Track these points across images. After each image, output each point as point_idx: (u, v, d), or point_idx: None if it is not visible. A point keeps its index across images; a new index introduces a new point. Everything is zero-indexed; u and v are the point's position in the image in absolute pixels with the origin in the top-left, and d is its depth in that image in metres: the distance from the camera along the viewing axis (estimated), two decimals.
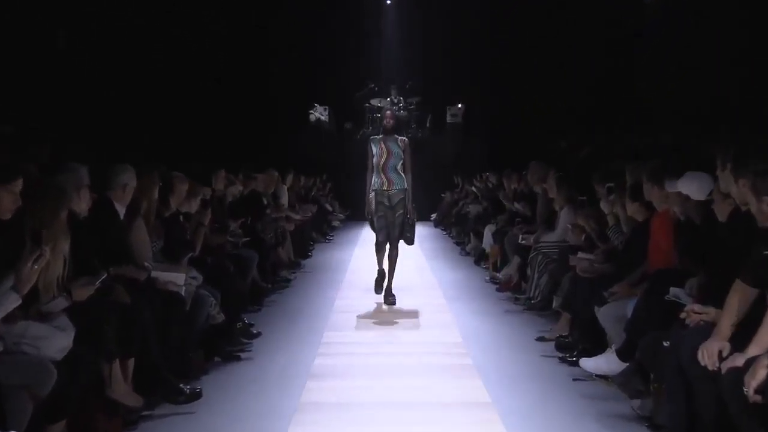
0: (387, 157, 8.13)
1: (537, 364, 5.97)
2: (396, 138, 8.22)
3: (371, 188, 8.18)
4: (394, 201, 8.13)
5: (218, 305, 5.94)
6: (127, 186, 5.38)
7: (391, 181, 8.14)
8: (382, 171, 8.13)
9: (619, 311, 5.24)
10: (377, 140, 8.24)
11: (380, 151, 8.14)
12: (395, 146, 8.15)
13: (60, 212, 4.08)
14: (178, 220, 6.47)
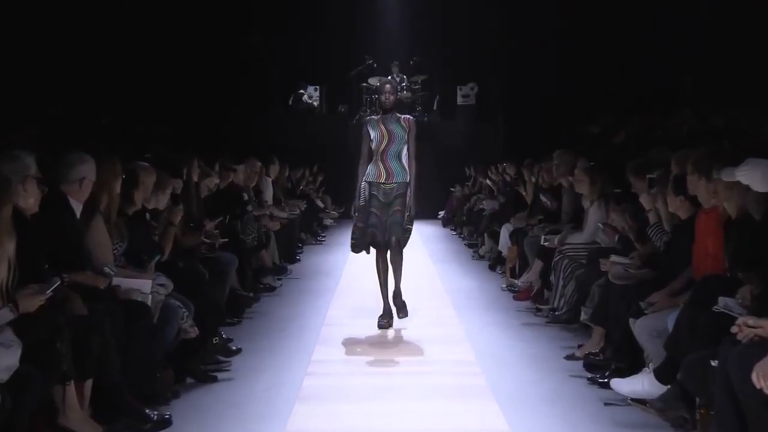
0: (388, 142, 7.67)
1: (562, 386, 5.95)
2: (398, 117, 7.77)
3: (364, 179, 7.73)
4: (391, 197, 7.67)
5: (191, 317, 5.92)
6: (85, 179, 5.34)
7: (392, 172, 7.67)
8: (381, 159, 7.67)
9: (658, 324, 5.24)
10: (375, 122, 7.77)
11: (379, 134, 7.67)
12: (398, 128, 7.71)
13: (2, 208, 4.05)
14: (144, 218, 6.46)
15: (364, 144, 7.76)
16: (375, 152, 7.72)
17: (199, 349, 6.15)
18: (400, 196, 7.66)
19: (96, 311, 4.78)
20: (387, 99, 7.74)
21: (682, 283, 5.46)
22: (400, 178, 7.69)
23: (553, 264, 8.02)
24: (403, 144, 7.70)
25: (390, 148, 7.69)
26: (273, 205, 11.92)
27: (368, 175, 7.70)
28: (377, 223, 7.60)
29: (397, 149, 7.69)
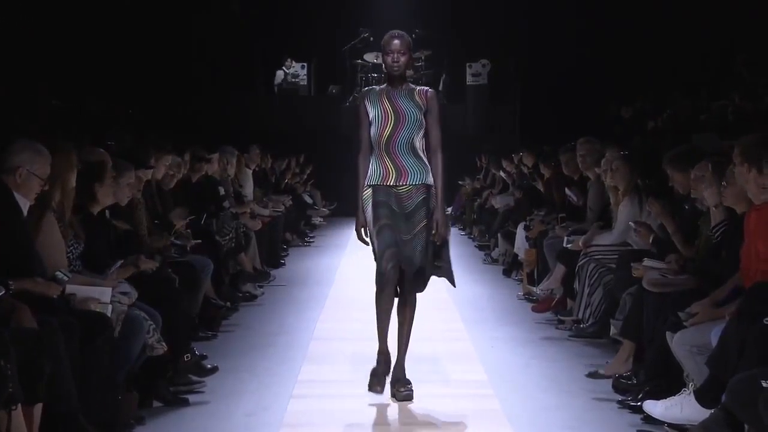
0: (395, 126, 6.23)
1: (587, 412, 5.97)
2: (412, 90, 6.37)
3: (366, 182, 6.32)
4: (410, 205, 6.24)
5: (158, 331, 5.90)
6: (20, 168, 5.30)
7: (404, 170, 6.24)
8: (386, 151, 6.23)
9: (700, 339, 5.26)
10: (375, 95, 6.34)
11: (382, 113, 6.23)
12: (410, 105, 6.27)
13: None
14: (104, 216, 6.47)
15: (362, 128, 6.36)
16: (376, 140, 6.28)
17: (168, 368, 6.15)
18: (421, 204, 6.27)
19: (47, 325, 4.75)
20: (395, 61, 6.25)
21: (728, 292, 5.48)
22: (418, 177, 6.28)
23: (578, 269, 8.04)
24: (419, 128, 6.27)
25: (399, 135, 6.24)
26: (253, 201, 11.94)
27: (370, 176, 6.29)
28: (393, 240, 6.14)
29: (409, 136, 6.25)
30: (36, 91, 10.74)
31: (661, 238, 6.89)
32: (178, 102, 16.07)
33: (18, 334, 4.50)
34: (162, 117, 13.58)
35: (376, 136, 6.28)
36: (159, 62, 15.86)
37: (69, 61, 12.27)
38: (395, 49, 6.24)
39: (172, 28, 16.18)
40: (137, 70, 14.78)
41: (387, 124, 6.23)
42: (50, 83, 11.40)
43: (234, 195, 11.04)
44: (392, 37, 6.33)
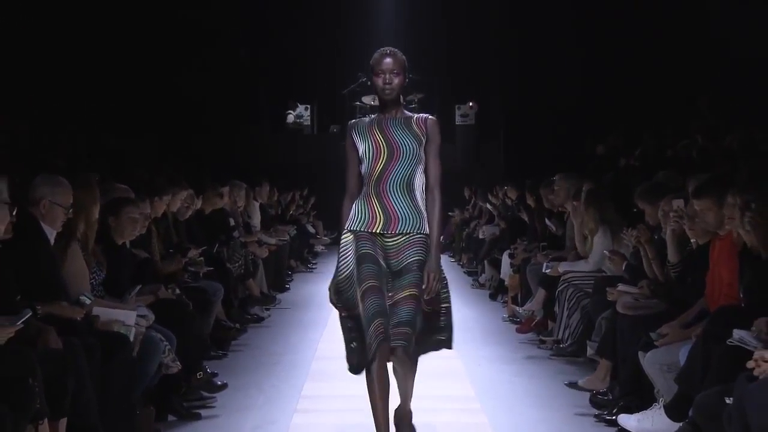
0: (388, 161, 4.89)
1: (567, 425, 5.96)
2: (409, 118, 5.01)
3: (346, 226, 4.99)
4: (399, 262, 4.87)
5: (173, 351, 5.90)
6: (44, 200, 5.33)
7: (394, 215, 4.88)
8: (376, 191, 4.90)
9: (669, 358, 5.25)
10: (364, 127, 4.99)
11: (373, 146, 4.91)
12: (406, 135, 4.93)
13: None
14: (124, 245, 6.48)
15: (349, 168, 5.05)
16: (366, 178, 4.97)
17: (182, 385, 6.14)
18: (414, 256, 4.86)
19: (72, 345, 4.74)
20: (387, 83, 4.91)
21: (694, 314, 5.48)
22: (412, 226, 4.89)
23: (557, 293, 8.02)
24: (418, 164, 4.94)
25: (392, 171, 4.89)
26: (261, 231, 11.94)
27: (353, 219, 4.94)
28: (378, 303, 4.74)
29: (405, 173, 4.90)
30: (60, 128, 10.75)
31: (633, 266, 6.89)
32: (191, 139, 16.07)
33: (44, 354, 4.50)
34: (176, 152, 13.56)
35: (365, 174, 4.92)
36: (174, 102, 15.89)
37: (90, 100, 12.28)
38: (387, 69, 4.89)
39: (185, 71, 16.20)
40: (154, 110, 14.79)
41: (378, 159, 4.85)
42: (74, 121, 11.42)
43: (243, 225, 11.05)
44: (383, 55, 4.96)
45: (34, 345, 4.50)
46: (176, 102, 15.71)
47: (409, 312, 4.73)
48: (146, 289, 6.33)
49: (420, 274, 4.79)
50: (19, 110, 10.29)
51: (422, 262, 4.81)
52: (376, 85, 4.93)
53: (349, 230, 4.93)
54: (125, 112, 13.42)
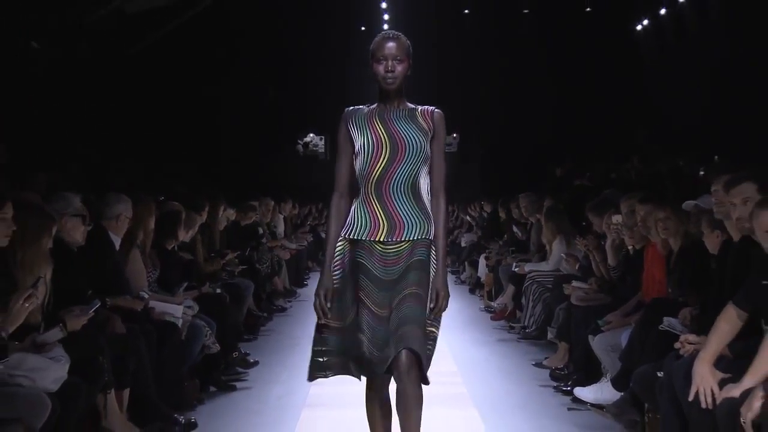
0: (392, 158, 3.55)
1: (532, 394, 5.96)
2: (413, 110, 3.66)
3: (342, 233, 3.63)
4: (397, 270, 3.54)
5: (213, 335, 5.92)
6: (121, 215, 5.37)
7: (399, 221, 3.54)
8: (377, 193, 3.56)
9: (613, 341, 5.24)
10: (363, 117, 3.64)
11: (374, 142, 3.57)
12: (411, 129, 3.59)
13: (41, 239, 4.09)
14: (174, 249, 6.48)
15: (341, 160, 3.68)
16: (364, 178, 3.59)
17: (221, 362, 6.14)
18: (417, 268, 3.53)
19: (133, 331, 4.79)
20: (389, 70, 3.56)
21: (633, 306, 5.47)
22: (417, 232, 3.55)
23: (524, 288, 8.01)
24: (424, 162, 3.59)
25: (396, 171, 3.54)
26: (284, 238, 11.97)
27: (350, 225, 3.59)
28: (370, 324, 3.50)
29: (410, 173, 3.55)
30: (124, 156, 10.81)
31: (584, 266, 6.90)
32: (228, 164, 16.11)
33: (111, 337, 4.54)
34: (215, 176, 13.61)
35: (363, 172, 3.55)
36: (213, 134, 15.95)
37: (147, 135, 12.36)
38: (389, 54, 3.54)
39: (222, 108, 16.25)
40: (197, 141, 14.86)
41: (380, 157, 3.51)
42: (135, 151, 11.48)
43: (270, 233, 11.07)
44: (385, 39, 3.59)
45: (103, 330, 4.52)
46: (215, 134, 15.76)
47: (413, 308, 3.42)
48: (192, 285, 6.34)
49: (422, 273, 3.49)
50: (91, 142, 10.37)
51: (424, 262, 3.50)
52: (377, 73, 3.57)
53: (345, 238, 3.57)
54: (175, 144, 13.49)
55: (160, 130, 12.88)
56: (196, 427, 4.85)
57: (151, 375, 4.86)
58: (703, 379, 3.56)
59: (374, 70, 3.61)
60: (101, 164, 9.51)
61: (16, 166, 6.39)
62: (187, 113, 14.02)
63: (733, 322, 3.73)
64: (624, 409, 4.93)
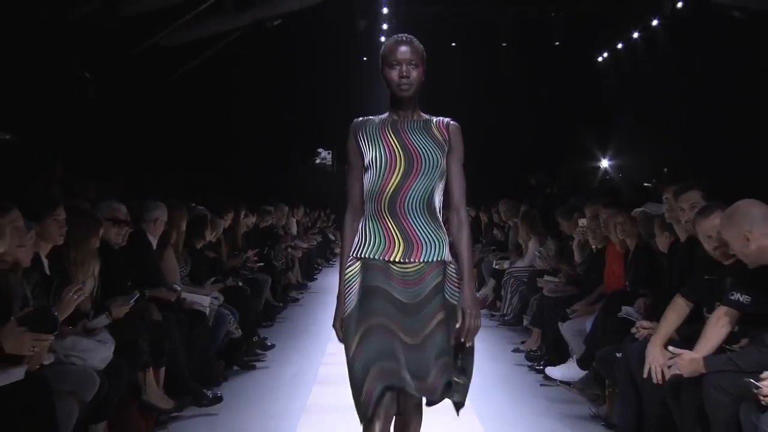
0: (407, 173, 2.83)
1: (510, 373, 5.99)
2: (428, 121, 2.94)
3: (354, 253, 2.86)
4: (418, 291, 2.79)
5: (236, 322, 5.94)
6: (158, 219, 5.41)
7: (416, 240, 2.81)
8: (391, 210, 2.82)
9: (579, 326, 5.28)
10: (375, 128, 2.91)
11: (387, 155, 2.84)
12: (427, 142, 2.88)
13: (90, 238, 4.13)
14: (202, 248, 6.50)
15: (352, 174, 2.98)
16: (376, 194, 2.85)
17: (242, 345, 6.15)
18: (435, 295, 2.81)
19: (167, 318, 4.83)
20: (404, 75, 2.84)
21: (596, 296, 5.50)
22: (434, 253, 2.83)
23: (503, 282, 8.03)
24: (440, 178, 2.89)
25: (411, 187, 2.83)
26: (297, 238, 11.99)
27: (363, 244, 2.85)
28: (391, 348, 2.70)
29: (426, 189, 2.84)
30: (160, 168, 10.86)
31: (555, 263, 6.93)
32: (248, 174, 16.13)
33: (149, 324, 4.59)
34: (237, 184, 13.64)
35: (375, 188, 2.82)
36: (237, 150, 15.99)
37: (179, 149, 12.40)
38: (404, 59, 2.82)
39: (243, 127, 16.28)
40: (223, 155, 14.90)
41: (394, 171, 2.80)
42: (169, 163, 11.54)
43: (284, 234, 11.09)
44: (399, 43, 2.86)
45: (142, 317, 4.56)
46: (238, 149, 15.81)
47: (438, 342, 2.74)
48: (217, 279, 6.36)
49: (443, 296, 2.79)
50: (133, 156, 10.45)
51: (440, 284, 2.80)
52: (389, 80, 2.86)
53: (356, 257, 2.83)
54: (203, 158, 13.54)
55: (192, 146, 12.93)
56: (221, 400, 4.87)
57: (183, 356, 4.90)
58: (655, 358, 3.61)
59: (387, 77, 2.87)
60: (141, 175, 9.56)
61: (69, 177, 6.43)
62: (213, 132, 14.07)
63: (680, 310, 3.79)
64: (588, 385, 5.00)
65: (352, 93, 20.68)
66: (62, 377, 3.36)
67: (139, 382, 4.37)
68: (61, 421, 3.17)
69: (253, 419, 4.72)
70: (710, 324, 3.48)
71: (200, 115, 13.38)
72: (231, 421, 4.67)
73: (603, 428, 4.49)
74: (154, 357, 4.47)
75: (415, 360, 2.71)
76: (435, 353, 2.73)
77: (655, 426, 3.80)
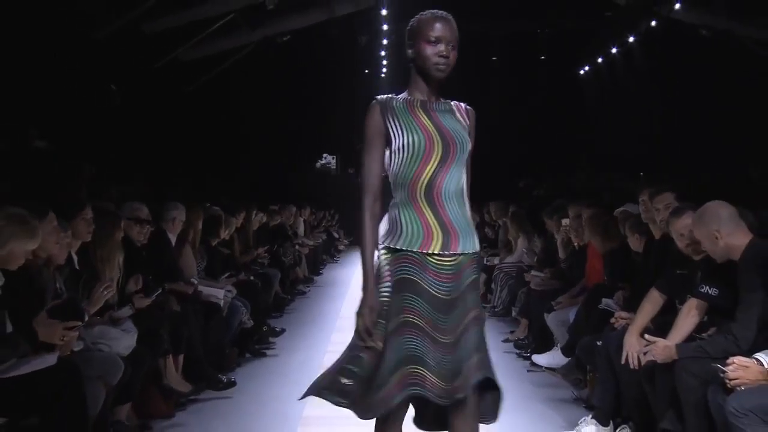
0: (444, 158, 2.39)
1: (499, 360, 5.86)
2: (449, 104, 2.49)
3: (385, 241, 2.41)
4: (455, 287, 2.39)
5: (248, 313, 5.94)
6: (176, 219, 5.43)
7: (454, 231, 2.38)
8: (429, 199, 2.38)
9: (563, 317, 5.28)
10: (403, 108, 2.42)
11: (425, 138, 2.37)
12: (457, 126, 2.45)
13: (114, 233, 4.15)
14: (217, 245, 6.50)
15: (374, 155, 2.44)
16: (410, 181, 2.39)
17: (254, 335, 6.16)
18: (472, 290, 2.43)
19: (185, 309, 4.85)
20: (445, 54, 2.37)
21: (578, 290, 5.51)
22: (471, 244, 2.43)
23: (494, 276, 8.01)
24: (468, 164, 2.52)
25: (447, 173, 2.40)
26: (303, 236, 12.00)
27: (394, 233, 2.40)
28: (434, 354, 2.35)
29: (460, 176, 2.45)
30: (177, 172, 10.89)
31: (541, 259, 6.96)
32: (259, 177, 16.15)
33: (169, 314, 4.60)
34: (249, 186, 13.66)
35: (408, 174, 2.40)
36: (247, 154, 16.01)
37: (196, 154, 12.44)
38: (445, 37, 2.37)
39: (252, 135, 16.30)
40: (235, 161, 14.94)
41: (431, 156, 2.39)
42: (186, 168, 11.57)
43: (292, 233, 11.11)
44: (437, 18, 2.40)
45: (162, 309, 4.58)
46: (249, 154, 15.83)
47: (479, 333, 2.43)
48: (231, 274, 6.36)
49: (478, 293, 2.48)
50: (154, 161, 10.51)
51: (477, 280, 2.47)
52: (425, 56, 2.37)
53: (389, 247, 2.40)
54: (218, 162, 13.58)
55: (207, 152, 12.98)
56: (235, 384, 4.89)
57: (200, 344, 4.92)
58: (632, 346, 3.63)
59: (422, 52, 2.37)
60: (161, 178, 9.59)
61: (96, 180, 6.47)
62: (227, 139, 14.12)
63: (655, 302, 3.81)
64: (571, 371, 5.00)
65: (355, 103, 20.75)
66: (90, 363, 3.39)
67: (159, 367, 4.39)
68: (90, 402, 3.20)
69: (264, 402, 4.73)
70: (682, 314, 3.51)
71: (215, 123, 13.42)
72: (244, 404, 4.69)
73: (584, 410, 4.49)
74: (173, 345, 4.49)
75: (447, 360, 2.33)
76: (468, 351, 2.36)
77: (632, 407, 3.82)
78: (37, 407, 3.03)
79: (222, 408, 4.60)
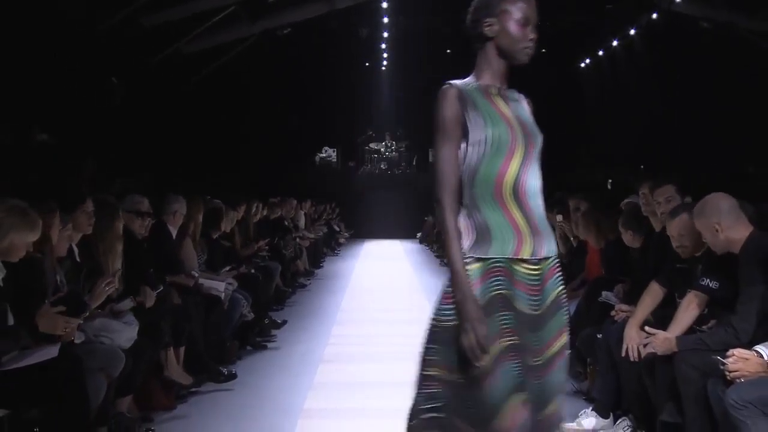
0: (526, 151, 2.12)
1: None
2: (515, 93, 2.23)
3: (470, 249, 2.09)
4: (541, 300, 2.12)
5: (249, 305, 5.95)
6: (177, 212, 5.42)
7: (538, 232, 2.11)
8: (516, 196, 2.09)
9: None
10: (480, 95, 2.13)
11: (508, 131, 2.10)
12: (529, 115, 2.22)
13: (113, 224, 4.15)
14: (218, 238, 6.49)
15: (449, 149, 2.12)
16: (489, 177, 2.10)
17: (255, 327, 6.17)
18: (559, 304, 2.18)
19: (186, 302, 4.86)
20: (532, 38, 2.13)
21: (579, 283, 5.47)
22: (553, 246, 2.18)
23: None
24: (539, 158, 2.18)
25: (528, 168, 2.13)
26: (304, 229, 12.01)
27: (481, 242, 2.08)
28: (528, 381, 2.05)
29: (538, 170, 2.16)
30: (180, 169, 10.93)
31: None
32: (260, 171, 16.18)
33: (170, 307, 4.60)
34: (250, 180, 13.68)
35: (492, 170, 2.10)
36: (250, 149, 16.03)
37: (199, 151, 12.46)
38: (533, 18, 2.14)
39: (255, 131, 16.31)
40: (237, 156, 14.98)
41: (515, 150, 2.12)
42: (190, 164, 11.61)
43: (293, 226, 11.12)
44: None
45: (163, 301, 4.56)
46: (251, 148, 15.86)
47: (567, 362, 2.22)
48: (232, 266, 6.35)
49: (567, 309, 2.22)
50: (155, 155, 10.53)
51: (564, 294, 2.21)
52: (515, 37, 2.14)
53: (477, 257, 2.10)
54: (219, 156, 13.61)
55: (208, 146, 12.99)
56: (236, 377, 4.90)
57: (201, 336, 4.93)
58: (632, 338, 3.63)
59: (511, 32, 2.12)
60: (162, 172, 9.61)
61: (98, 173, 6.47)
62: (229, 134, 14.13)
63: (655, 295, 3.81)
64: (571, 363, 4.99)
65: (356, 96, 20.74)
66: (92, 355, 3.39)
67: (161, 360, 4.40)
68: (91, 395, 3.21)
69: (265, 394, 4.74)
70: (682, 307, 3.51)
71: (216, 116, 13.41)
72: (244, 396, 4.70)
73: (584, 402, 4.50)
74: (174, 337, 4.50)
75: (535, 386, 2.06)
76: (560, 378, 2.12)
77: (632, 399, 3.83)
78: (39, 399, 3.04)
79: (223, 400, 4.61)
